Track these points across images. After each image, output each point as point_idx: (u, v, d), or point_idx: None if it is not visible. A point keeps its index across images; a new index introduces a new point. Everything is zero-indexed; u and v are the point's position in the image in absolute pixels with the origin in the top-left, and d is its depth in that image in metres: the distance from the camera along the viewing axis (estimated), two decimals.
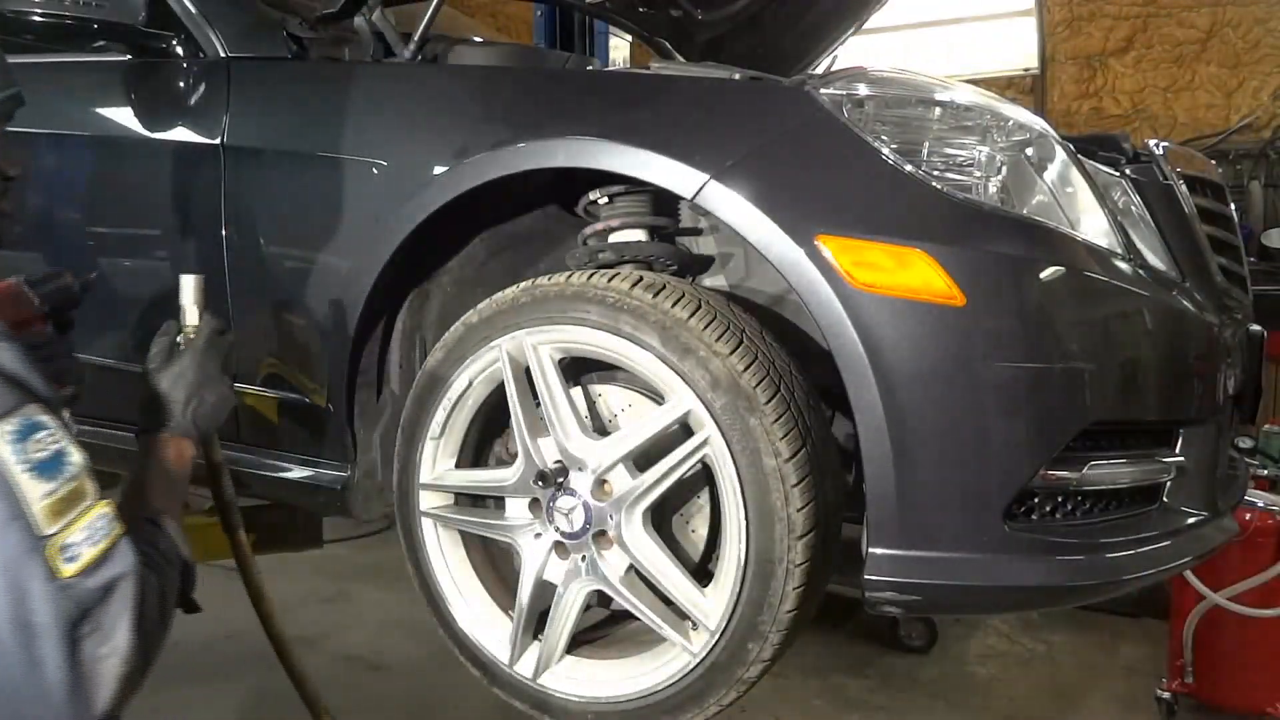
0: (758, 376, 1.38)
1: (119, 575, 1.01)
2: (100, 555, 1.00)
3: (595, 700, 1.54)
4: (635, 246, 1.62)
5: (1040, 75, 5.18)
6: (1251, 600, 2.70)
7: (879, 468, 1.36)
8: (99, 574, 0.99)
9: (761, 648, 1.40)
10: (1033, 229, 1.43)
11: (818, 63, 2.77)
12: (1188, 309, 1.57)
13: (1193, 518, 1.59)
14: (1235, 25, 4.75)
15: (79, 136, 2.03)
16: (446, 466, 1.65)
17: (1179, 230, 1.68)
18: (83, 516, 1.00)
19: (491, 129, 1.61)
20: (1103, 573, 1.45)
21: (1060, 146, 1.51)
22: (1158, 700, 2.94)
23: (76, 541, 0.99)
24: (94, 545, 1.00)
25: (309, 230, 1.77)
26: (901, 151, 1.42)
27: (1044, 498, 1.45)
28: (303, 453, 1.87)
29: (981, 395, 1.36)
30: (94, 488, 1.02)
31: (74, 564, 0.98)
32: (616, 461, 1.45)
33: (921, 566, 1.38)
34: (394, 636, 3.30)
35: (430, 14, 1.82)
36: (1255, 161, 4.58)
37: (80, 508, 1.00)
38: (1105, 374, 1.43)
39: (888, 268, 1.35)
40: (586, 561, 1.50)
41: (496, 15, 6.07)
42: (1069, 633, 3.53)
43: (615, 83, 1.84)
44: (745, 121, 1.50)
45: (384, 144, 1.72)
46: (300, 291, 1.78)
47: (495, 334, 1.54)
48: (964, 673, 3.31)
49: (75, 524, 0.99)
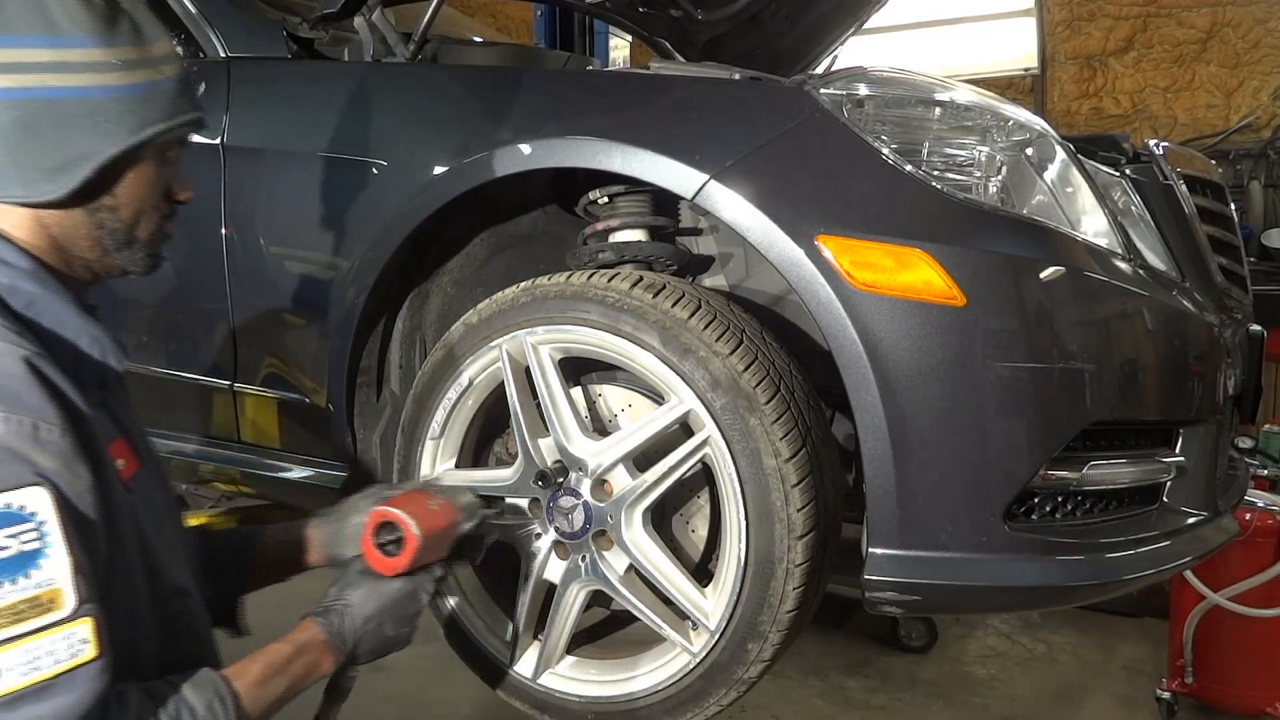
0: (758, 376, 1.38)
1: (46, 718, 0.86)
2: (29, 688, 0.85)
3: (595, 700, 1.54)
4: (635, 246, 1.62)
5: (1040, 75, 5.17)
6: (1251, 600, 2.71)
7: (879, 468, 1.36)
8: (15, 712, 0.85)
9: (761, 648, 1.40)
10: (1033, 229, 1.43)
11: (818, 63, 2.77)
12: (1188, 309, 1.57)
13: (1193, 518, 1.59)
14: (1235, 25, 4.75)
15: None
16: (446, 466, 1.65)
17: (1179, 230, 1.68)
18: (32, 636, 0.86)
19: (491, 129, 1.61)
20: (1103, 573, 1.45)
21: (1060, 146, 1.51)
22: (1158, 700, 2.94)
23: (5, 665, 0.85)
24: (28, 674, 0.85)
25: (309, 230, 1.77)
26: (901, 151, 1.42)
27: (1044, 498, 1.45)
28: (303, 453, 1.87)
29: (982, 395, 1.36)
30: (75, 600, 0.88)
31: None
32: (617, 461, 1.45)
33: (921, 566, 1.38)
34: None
35: (430, 14, 1.82)
36: (1255, 161, 4.57)
37: (31, 625, 0.86)
38: (1105, 374, 1.43)
39: (888, 268, 1.35)
40: (587, 561, 1.50)
41: (496, 15, 6.07)
42: (1069, 633, 3.53)
43: (615, 83, 1.84)
44: (745, 121, 1.50)
45: (384, 144, 1.72)
46: (300, 292, 1.78)
47: (495, 334, 1.54)
48: (964, 673, 3.31)
49: (15, 643, 0.85)
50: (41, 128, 0.98)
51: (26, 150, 0.98)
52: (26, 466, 0.88)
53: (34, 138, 0.98)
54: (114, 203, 1.04)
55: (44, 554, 0.87)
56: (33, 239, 1.02)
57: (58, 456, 0.90)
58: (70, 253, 1.05)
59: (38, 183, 0.99)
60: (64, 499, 0.90)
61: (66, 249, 1.04)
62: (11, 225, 1.02)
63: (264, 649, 1.13)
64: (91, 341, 1.04)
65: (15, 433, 0.88)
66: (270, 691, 1.09)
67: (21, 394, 0.90)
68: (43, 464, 0.89)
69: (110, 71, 0.98)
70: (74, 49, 0.97)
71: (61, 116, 0.98)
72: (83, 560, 0.91)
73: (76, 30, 0.97)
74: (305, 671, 1.15)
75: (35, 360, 0.93)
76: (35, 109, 0.97)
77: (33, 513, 0.87)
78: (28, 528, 0.86)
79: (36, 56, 0.96)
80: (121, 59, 0.99)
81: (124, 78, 0.99)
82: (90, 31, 0.98)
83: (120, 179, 1.03)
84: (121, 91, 0.99)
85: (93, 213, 1.03)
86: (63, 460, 0.91)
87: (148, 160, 1.04)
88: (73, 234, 1.04)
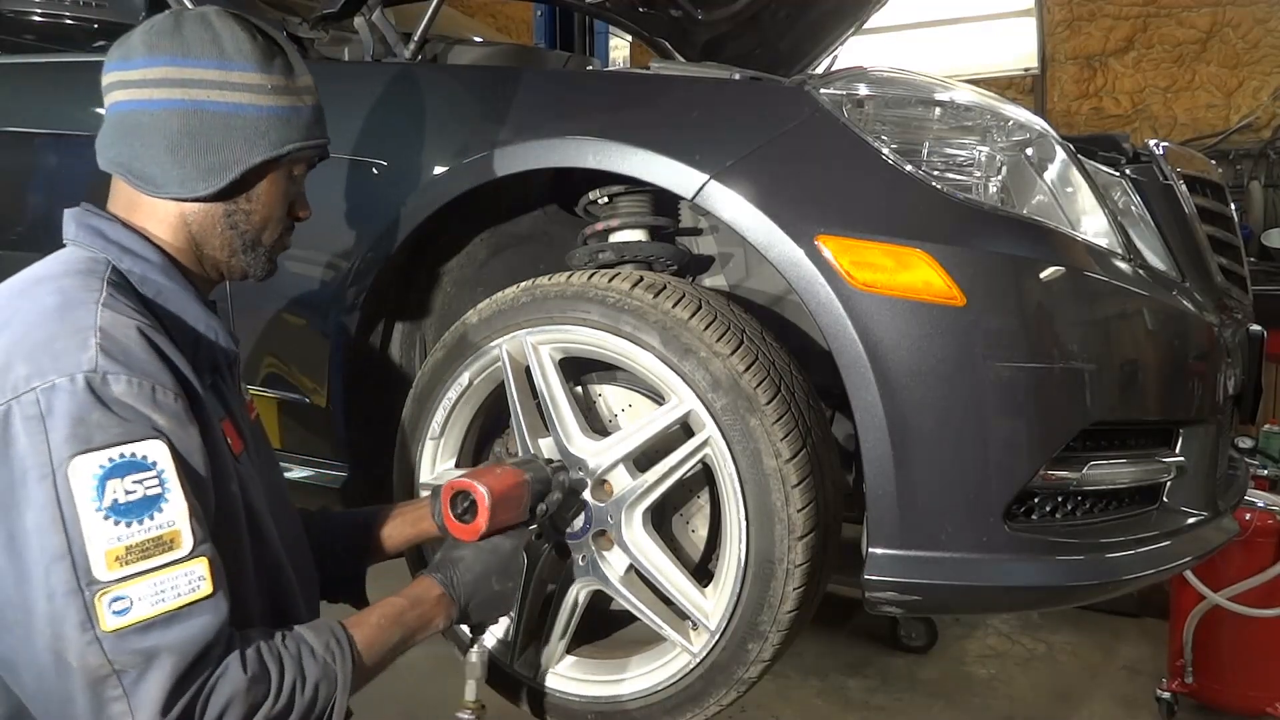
0: (758, 377, 1.38)
1: (167, 647, 0.95)
2: (158, 617, 0.95)
3: (596, 700, 1.54)
4: (635, 246, 1.62)
5: (1040, 75, 5.17)
6: (1251, 600, 2.71)
7: (879, 468, 1.36)
8: (147, 638, 0.94)
9: (761, 648, 1.40)
10: (1033, 229, 1.43)
11: (818, 63, 2.77)
12: (1188, 309, 1.57)
13: (1193, 518, 1.59)
14: (1235, 25, 4.75)
15: (79, 136, 2.03)
16: (446, 466, 1.65)
17: (1179, 230, 1.68)
18: (158, 571, 0.95)
19: (491, 129, 1.61)
20: (1103, 573, 1.45)
21: (1060, 146, 1.51)
22: (1158, 700, 2.94)
23: (136, 595, 0.94)
24: (156, 605, 0.95)
25: (309, 230, 1.75)
26: (901, 151, 1.42)
27: (1044, 498, 1.45)
28: (303, 453, 1.87)
29: (982, 395, 1.36)
30: (191, 541, 0.98)
31: (122, 618, 0.93)
32: (617, 462, 1.45)
33: (922, 566, 1.38)
34: None
35: (430, 14, 1.82)
36: (1255, 161, 4.57)
37: (157, 561, 0.96)
38: (1105, 374, 1.43)
39: (888, 268, 1.35)
40: (587, 561, 1.50)
41: (496, 15, 6.07)
42: (1069, 633, 3.53)
43: (615, 83, 1.84)
44: (745, 121, 1.50)
45: (384, 144, 1.72)
46: (300, 291, 1.78)
47: (495, 334, 1.54)
48: (964, 673, 3.31)
49: (143, 576, 0.95)
50: (203, 135, 1.14)
51: (189, 151, 1.14)
52: (146, 423, 0.98)
53: (196, 142, 1.14)
54: (249, 206, 1.20)
55: (165, 498, 0.97)
56: (173, 237, 1.18)
57: (173, 416, 1.01)
58: (203, 250, 1.20)
59: (193, 180, 1.15)
60: (178, 452, 1.00)
61: (201, 246, 1.19)
62: (157, 223, 1.17)
63: (381, 601, 1.23)
64: (208, 328, 1.17)
65: (136, 393, 0.99)
66: (386, 639, 1.18)
67: (143, 359, 1.01)
68: (159, 421, 0.99)
69: (263, 94, 1.16)
70: (237, 72, 1.14)
71: (220, 127, 1.14)
72: (197, 507, 1.01)
73: (240, 57, 1.15)
74: (420, 624, 1.24)
75: (148, 332, 1.04)
76: (200, 119, 1.14)
77: (154, 462, 0.97)
78: (149, 475, 0.97)
79: (206, 75, 1.13)
80: (273, 85, 1.16)
81: (273, 100, 1.16)
82: (251, 59, 1.15)
83: (257, 185, 1.19)
84: (270, 111, 1.16)
85: (230, 213, 1.19)
86: (177, 420, 1.01)
87: (281, 173, 1.21)
88: (210, 231, 1.19)
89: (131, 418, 0.98)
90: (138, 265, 1.13)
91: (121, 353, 1.00)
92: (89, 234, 1.14)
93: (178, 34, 1.14)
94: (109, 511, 0.94)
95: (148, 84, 1.13)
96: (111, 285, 1.07)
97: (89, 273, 1.09)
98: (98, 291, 1.05)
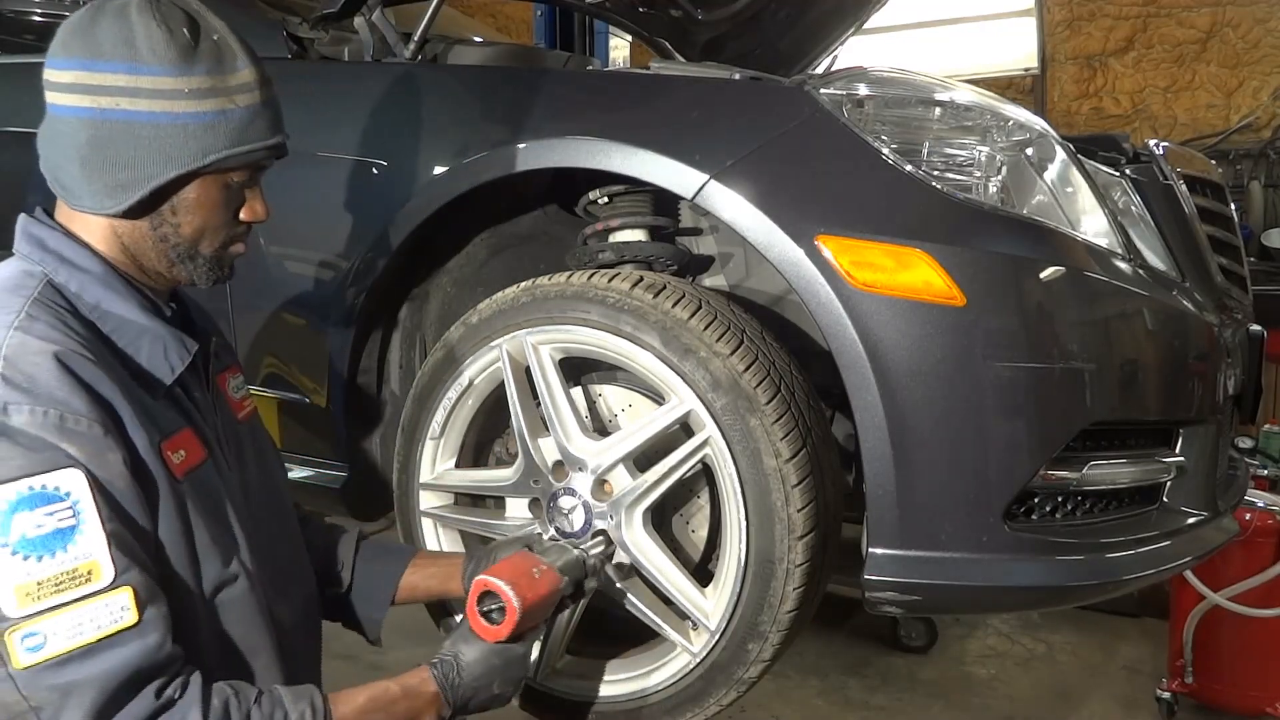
0: (758, 377, 1.38)
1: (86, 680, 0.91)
2: (74, 651, 0.91)
3: (595, 700, 1.54)
4: (635, 246, 1.62)
5: (1040, 75, 5.17)
6: (1251, 600, 2.71)
7: (879, 468, 1.36)
8: (63, 673, 0.91)
9: (761, 648, 1.40)
10: (1033, 229, 1.43)
11: (818, 63, 2.77)
12: (1188, 309, 1.57)
13: (1193, 518, 1.59)
14: (1235, 25, 4.75)
15: None
16: (446, 466, 1.65)
17: (1179, 230, 1.68)
18: (73, 605, 0.91)
19: (491, 129, 1.61)
20: (1103, 573, 1.45)
21: (1060, 146, 1.51)
22: (1158, 700, 2.94)
23: (50, 631, 0.90)
24: (72, 639, 0.91)
25: (308, 230, 1.77)
26: (901, 151, 1.42)
27: (1044, 498, 1.45)
28: (303, 453, 1.87)
29: (982, 395, 1.36)
30: (113, 572, 0.94)
31: (35, 654, 0.90)
32: (617, 462, 1.45)
33: (922, 566, 1.38)
34: (394, 637, 3.28)
35: (430, 14, 1.82)
36: (1255, 161, 4.57)
37: (72, 594, 0.92)
38: (1105, 374, 1.43)
39: (888, 268, 1.35)
40: None
41: (496, 15, 6.07)
42: (1069, 633, 3.53)
43: (615, 83, 1.84)
44: (745, 121, 1.50)
45: (384, 144, 1.72)
46: (300, 292, 1.78)
47: (495, 334, 1.54)
48: (964, 673, 3.32)
49: (57, 611, 0.91)
50: (110, 147, 1.05)
51: (97, 166, 1.06)
52: (57, 452, 0.94)
53: (104, 155, 1.05)
54: (176, 219, 1.10)
55: (80, 529, 0.93)
56: (108, 248, 1.11)
57: (88, 444, 0.96)
58: (141, 262, 1.12)
59: (102, 196, 1.07)
60: (97, 481, 0.95)
61: (138, 258, 1.12)
62: (90, 233, 1.10)
63: (373, 683, 1.16)
64: (154, 340, 1.10)
65: (42, 423, 0.94)
66: None
67: (50, 387, 0.96)
68: (71, 450, 0.95)
69: (179, 99, 1.05)
70: (148, 76, 1.03)
71: (130, 138, 1.05)
72: (123, 534, 0.96)
73: (154, 59, 1.03)
74: (407, 717, 1.17)
75: (64, 356, 0.98)
76: (108, 129, 1.05)
77: (67, 492, 0.93)
78: (62, 506, 0.93)
79: (115, 81, 1.03)
80: (192, 88, 1.05)
81: (192, 106, 1.05)
82: (167, 61, 1.04)
83: (181, 197, 1.09)
84: (187, 119, 1.05)
85: (156, 227, 1.10)
86: (93, 447, 0.96)
87: (211, 182, 1.10)
88: (141, 244, 1.11)
89: (39, 448, 0.93)
90: (75, 277, 1.07)
91: (26, 380, 0.95)
92: (30, 244, 1.09)
93: (91, 32, 1.04)
94: (16, 546, 0.91)
95: (60, 88, 1.06)
96: (37, 303, 1.02)
97: (15, 290, 1.04)
98: (14, 314, 1.00)
